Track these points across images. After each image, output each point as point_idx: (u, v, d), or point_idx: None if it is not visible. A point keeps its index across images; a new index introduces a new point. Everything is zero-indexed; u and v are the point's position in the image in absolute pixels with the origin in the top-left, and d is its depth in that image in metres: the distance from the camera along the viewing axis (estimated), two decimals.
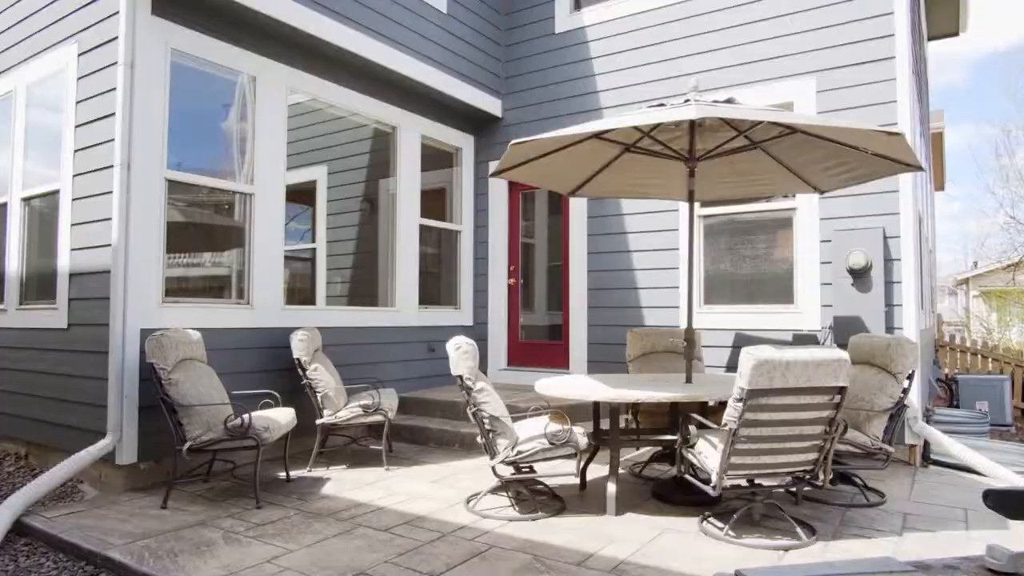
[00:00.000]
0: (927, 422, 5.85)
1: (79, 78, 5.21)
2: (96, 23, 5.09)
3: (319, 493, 4.64)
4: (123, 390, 4.65)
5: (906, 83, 5.71)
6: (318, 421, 5.34)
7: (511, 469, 4.26)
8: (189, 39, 5.15)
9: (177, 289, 5.30)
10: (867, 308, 5.69)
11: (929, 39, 10.93)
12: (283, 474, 5.02)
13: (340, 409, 5.38)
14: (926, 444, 5.56)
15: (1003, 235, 21.20)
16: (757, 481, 3.78)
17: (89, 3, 5.18)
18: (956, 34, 10.90)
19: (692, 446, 3.85)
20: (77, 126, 5.19)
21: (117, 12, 4.84)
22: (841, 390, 3.48)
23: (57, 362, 5.23)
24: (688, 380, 4.64)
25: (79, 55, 5.22)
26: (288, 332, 5.53)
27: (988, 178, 33.42)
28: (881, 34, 5.82)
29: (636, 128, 4.62)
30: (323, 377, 5.38)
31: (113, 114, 4.80)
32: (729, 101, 4.28)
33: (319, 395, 5.33)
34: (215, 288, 5.84)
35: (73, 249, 5.14)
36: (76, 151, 5.18)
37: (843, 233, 5.86)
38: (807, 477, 3.70)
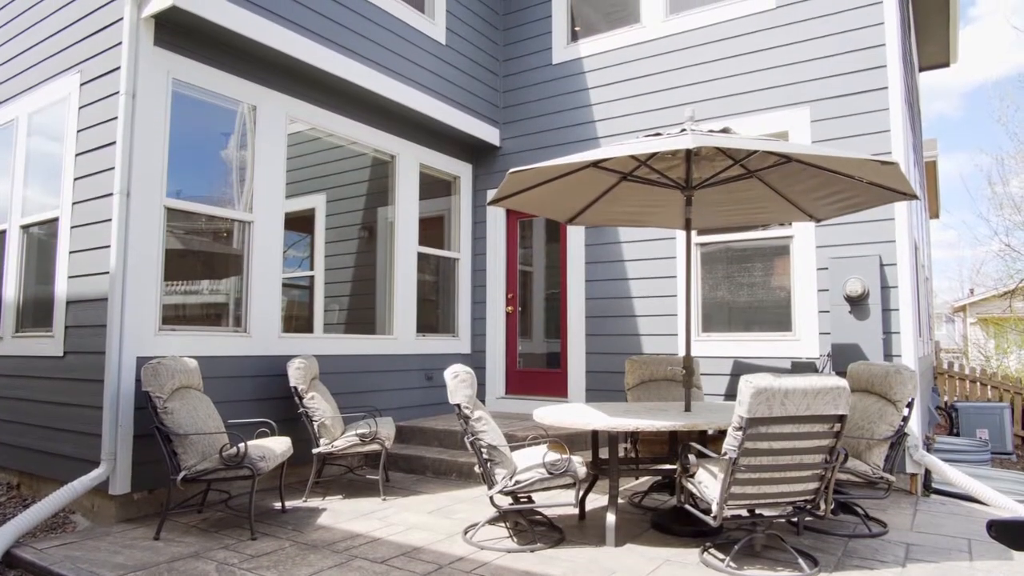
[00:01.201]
0: (928, 450, 5.81)
1: (81, 107, 5.25)
2: (99, 53, 5.15)
3: (315, 524, 4.58)
4: (118, 419, 4.61)
5: (899, 113, 5.79)
6: (314, 450, 5.29)
7: (509, 499, 4.21)
8: (191, 69, 5.21)
9: (174, 317, 5.29)
10: (865, 336, 5.69)
11: (921, 70, 11.11)
12: (278, 504, 4.96)
13: (337, 438, 5.33)
14: (927, 473, 5.51)
15: (999, 262, 21.31)
16: (758, 511, 3.74)
17: (92, 34, 5.25)
18: (947, 65, 11.10)
19: (692, 475, 3.81)
20: (78, 154, 5.22)
21: (120, 43, 4.91)
22: (841, 418, 3.46)
23: (51, 390, 5.19)
24: (687, 408, 4.62)
25: (81, 84, 5.27)
26: (285, 360, 5.50)
27: (982, 206, 33.73)
28: (873, 65, 5.92)
29: (633, 157, 4.66)
30: (320, 405, 5.35)
31: (114, 143, 4.84)
32: (725, 130, 4.32)
33: (316, 424, 5.29)
34: (212, 316, 5.83)
35: (71, 277, 5.14)
36: (76, 179, 5.20)
37: (840, 261, 5.88)
38: (808, 507, 3.67)
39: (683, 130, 4.21)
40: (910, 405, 4.36)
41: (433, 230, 7.93)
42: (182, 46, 5.15)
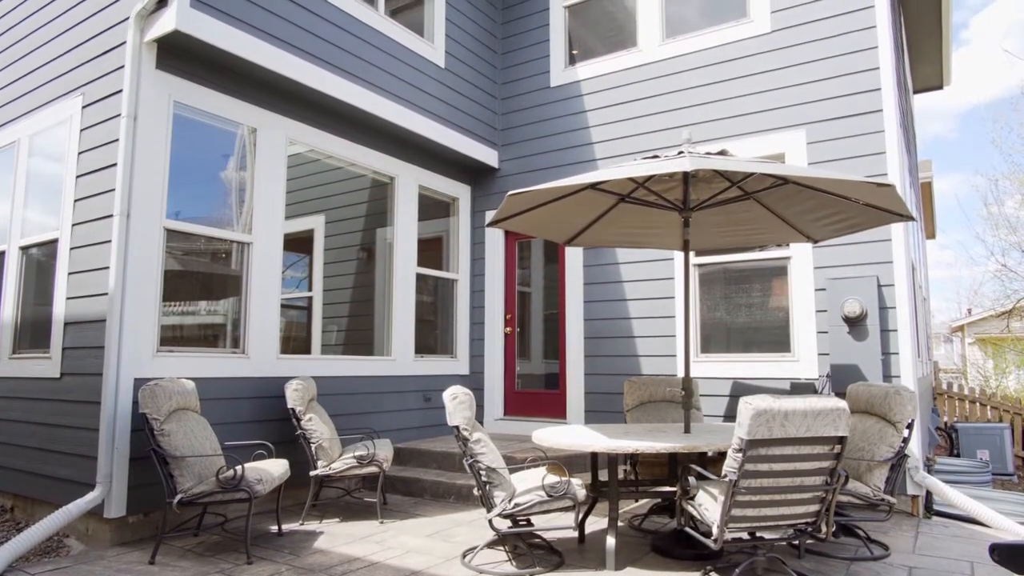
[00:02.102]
0: (928, 472, 5.78)
1: (83, 129, 5.29)
2: (101, 76, 5.20)
3: (312, 547, 4.54)
4: (114, 441, 4.58)
5: (894, 135, 5.84)
6: (312, 472, 5.25)
7: (508, 522, 4.17)
8: (192, 92, 5.26)
9: (172, 338, 5.27)
10: (864, 356, 5.69)
11: (915, 92, 11.23)
12: (275, 527, 4.91)
13: (334, 460, 5.30)
14: (928, 495, 5.48)
15: (996, 282, 21.37)
16: (759, 534, 3.71)
17: (95, 57, 5.30)
18: (940, 87, 11.22)
19: (692, 498, 3.79)
20: (78, 176, 5.25)
21: (123, 66, 4.96)
22: (841, 440, 3.45)
23: (48, 412, 5.16)
24: (687, 430, 4.60)
25: (83, 107, 5.31)
26: (283, 381, 5.48)
27: (978, 226, 33.88)
28: (868, 88, 5.98)
29: (631, 179, 4.69)
30: (317, 427, 5.32)
31: (115, 164, 4.86)
32: (722, 153, 4.36)
33: (313, 446, 5.26)
34: (211, 337, 5.82)
35: (69, 298, 5.13)
36: (76, 200, 5.22)
37: (837, 282, 5.90)
38: (809, 529, 3.64)
39: (680, 152, 4.25)
40: (910, 426, 4.35)
41: (432, 251, 7.95)
42: (184, 69, 5.20)
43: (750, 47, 6.62)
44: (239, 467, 4.23)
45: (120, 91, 4.94)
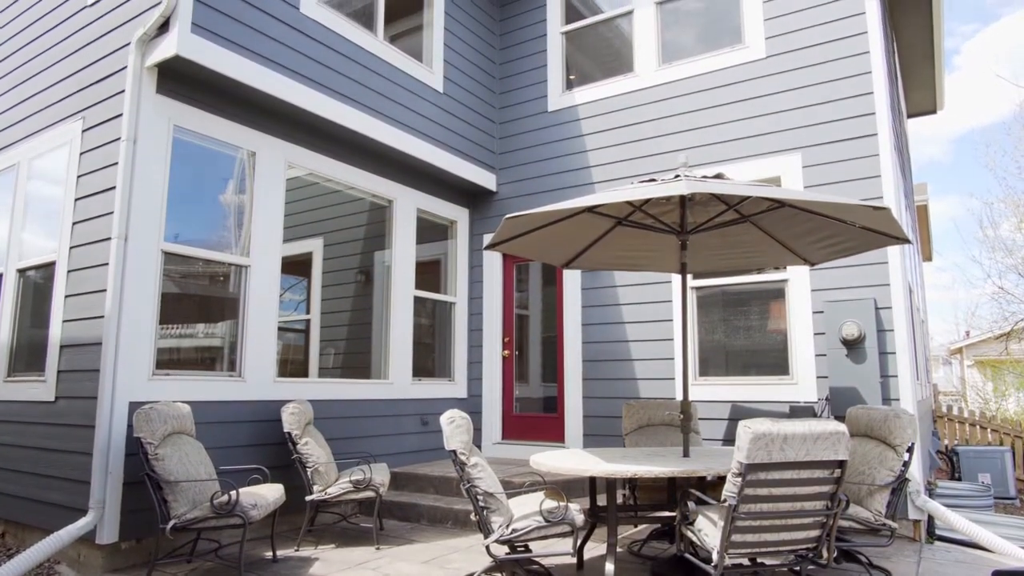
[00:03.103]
0: (930, 496, 5.73)
1: (82, 152, 5.32)
2: (102, 101, 5.24)
3: (306, 574, 4.47)
4: (107, 465, 4.54)
5: (889, 159, 5.88)
6: (308, 497, 5.20)
7: (506, 548, 4.12)
8: (192, 116, 5.29)
9: (168, 361, 5.25)
10: (863, 379, 5.67)
11: (909, 116, 11.34)
12: (269, 553, 4.85)
13: (331, 484, 5.25)
14: (930, 519, 5.43)
15: (993, 304, 21.40)
16: (759, 560, 3.67)
17: (96, 82, 5.35)
18: (934, 111, 11.34)
19: (691, 523, 3.75)
20: (77, 199, 5.26)
21: (123, 91, 5.00)
22: (841, 464, 3.42)
23: (41, 436, 5.12)
24: (686, 454, 4.57)
25: (83, 131, 5.34)
26: (280, 405, 5.45)
27: (974, 249, 34.01)
28: (862, 112, 6.04)
29: (628, 202, 4.71)
30: (314, 451, 5.27)
31: (114, 188, 4.88)
32: (718, 176, 4.38)
33: (309, 470, 5.21)
34: (207, 360, 5.79)
35: (65, 321, 5.12)
36: (75, 223, 5.23)
37: (835, 304, 5.90)
38: (811, 555, 3.60)
39: (677, 176, 4.27)
40: (910, 450, 4.31)
41: (430, 274, 7.96)
42: (184, 94, 5.24)
43: (746, 72, 6.69)
44: (233, 492, 4.19)
45: (120, 115, 4.98)
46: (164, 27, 4.96)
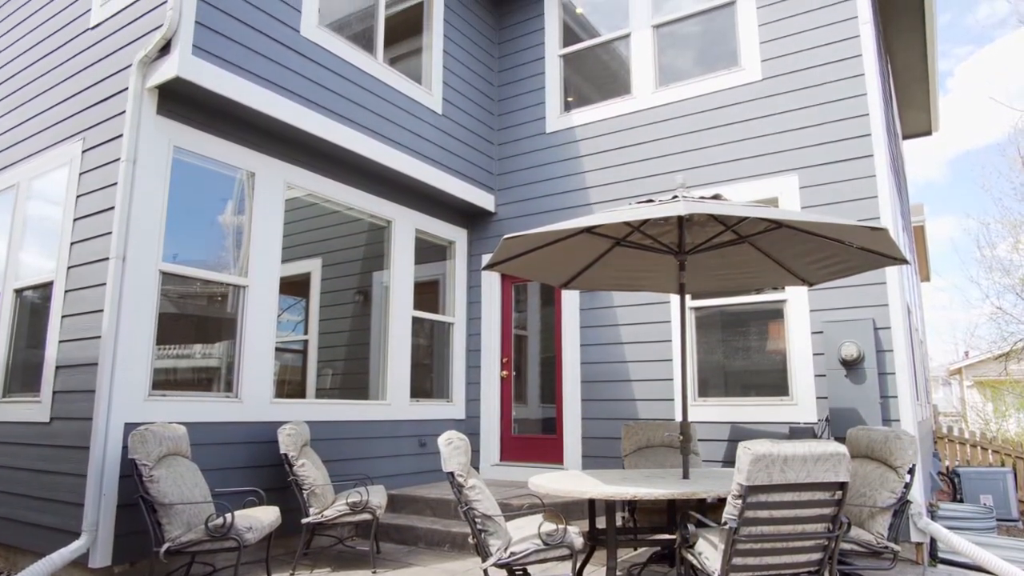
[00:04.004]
0: (932, 518, 5.68)
1: (82, 173, 5.33)
2: (102, 122, 5.27)
3: None
4: (102, 487, 4.49)
5: (885, 180, 5.92)
6: (304, 520, 5.14)
7: (504, 572, 4.07)
8: (191, 137, 5.32)
9: (164, 381, 5.22)
10: (862, 400, 5.65)
11: (904, 138, 11.44)
12: None
13: (327, 507, 5.19)
14: (933, 541, 5.38)
15: (991, 325, 21.42)
16: None
17: (97, 103, 5.38)
18: (929, 133, 11.45)
19: (692, 546, 3.70)
20: (76, 219, 5.27)
21: (123, 112, 5.03)
22: (842, 485, 3.39)
23: (35, 458, 5.07)
24: (685, 476, 4.53)
25: (83, 151, 5.37)
26: (277, 426, 5.41)
27: (972, 269, 34.06)
28: (858, 134, 6.08)
29: (626, 223, 4.72)
30: (310, 473, 5.22)
31: (113, 208, 4.89)
32: (716, 197, 4.39)
33: (305, 492, 5.16)
34: (204, 380, 5.76)
35: (62, 341, 5.10)
36: (73, 243, 5.23)
37: (834, 324, 5.89)
38: None
39: (675, 197, 4.28)
40: (912, 471, 4.28)
41: (428, 294, 7.95)
42: (184, 115, 5.27)
43: (742, 94, 6.75)
44: (228, 514, 4.14)
45: (120, 136, 5.00)
46: (165, 49, 5.00)
